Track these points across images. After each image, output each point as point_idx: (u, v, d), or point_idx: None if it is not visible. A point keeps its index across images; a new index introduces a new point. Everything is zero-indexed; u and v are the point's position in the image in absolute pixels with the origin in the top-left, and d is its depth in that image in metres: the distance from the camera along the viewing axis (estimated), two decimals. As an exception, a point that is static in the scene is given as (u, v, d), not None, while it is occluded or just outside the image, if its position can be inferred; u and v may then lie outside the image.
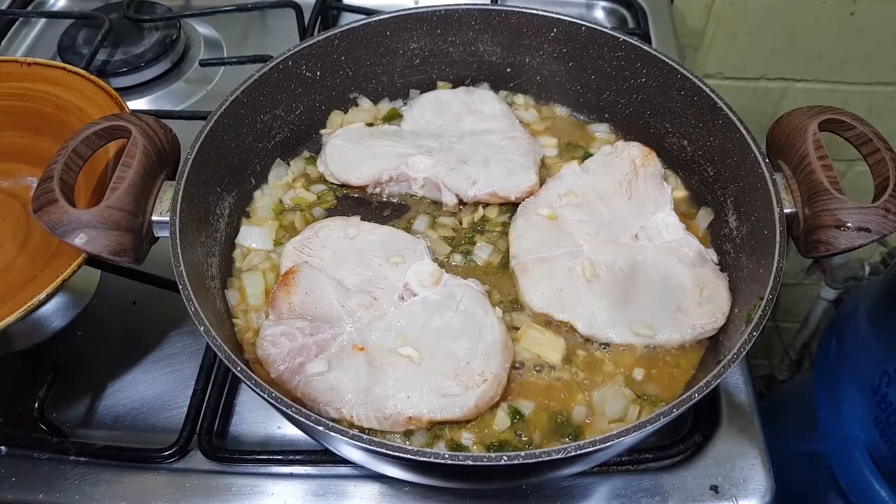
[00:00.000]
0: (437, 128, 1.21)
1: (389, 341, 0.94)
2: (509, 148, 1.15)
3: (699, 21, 1.85)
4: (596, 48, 1.17)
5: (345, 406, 0.89)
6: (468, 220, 1.11)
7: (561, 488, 0.98)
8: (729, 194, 1.05)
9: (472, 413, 0.89)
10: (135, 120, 0.96)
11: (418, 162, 1.12)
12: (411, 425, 0.89)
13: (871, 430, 1.30)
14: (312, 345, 0.93)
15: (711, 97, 1.04)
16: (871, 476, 1.25)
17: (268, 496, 0.98)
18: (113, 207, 0.88)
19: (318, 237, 1.05)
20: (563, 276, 1.01)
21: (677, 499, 0.97)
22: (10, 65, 1.19)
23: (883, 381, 1.29)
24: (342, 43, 1.16)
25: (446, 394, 0.89)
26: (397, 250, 1.03)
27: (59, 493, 0.98)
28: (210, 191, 1.03)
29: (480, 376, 0.90)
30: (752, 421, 1.04)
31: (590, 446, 0.73)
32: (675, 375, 0.95)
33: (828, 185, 0.89)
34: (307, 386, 0.90)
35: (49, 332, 1.16)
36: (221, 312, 0.99)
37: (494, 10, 1.19)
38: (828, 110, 0.96)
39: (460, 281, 1.00)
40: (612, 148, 1.15)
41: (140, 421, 1.07)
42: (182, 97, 1.56)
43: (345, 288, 0.99)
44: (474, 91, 1.25)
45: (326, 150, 1.17)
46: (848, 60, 1.89)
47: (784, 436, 1.57)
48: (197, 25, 1.69)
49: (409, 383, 0.90)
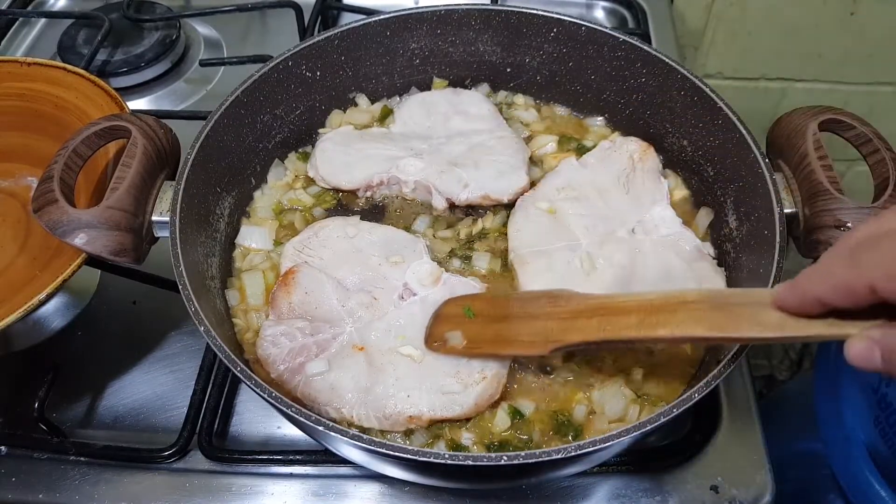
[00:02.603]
0: (425, 129, 1.21)
1: (389, 341, 0.94)
2: (498, 148, 1.15)
3: (699, 21, 1.84)
4: (596, 48, 1.17)
5: (345, 406, 0.89)
6: (465, 232, 1.10)
7: (561, 488, 0.98)
8: (729, 194, 1.05)
9: (472, 410, 0.89)
10: (135, 120, 0.96)
11: (409, 165, 1.12)
12: (412, 424, 0.89)
13: (871, 430, 1.30)
14: (312, 345, 0.93)
15: (711, 97, 1.04)
16: (871, 476, 1.24)
17: (268, 496, 0.98)
18: (113, 207, 0.88)
19: (317, 237, 1.05)
20: (561, 269, 1.01)
21: (677, 499, 0.97)
22: (10, 65, 1.19)
23: (883, 381, 1.29)
24: (342, 43, 1.16)
25: (446, 391, 0.89)
26: (396, 250, 1.03)
27: (59, 493, 0.98)
28: (210, 191, 1.03)
29: (480, 374, 0.90)
30: (752, 421, 1.04)
31: (590, 446, 0.73)
32: (675, 376, 0.95)
33: (828, 186, 0.89)
34: (307, 386, 0.90)
35: (49, 332, 1.16)
36: (221, 312, 0.99)
37: (494, 10, 1.19)
38: (828, 110, 0.96)
39: (460, 279, 1.00)
40: (611, 143, 1.16)
41: (140, 421, 1.07)
42: (182, 97, 1.56)
43: (344, 288, 0.99)
44: (461, 92, 1.25)
45: (316, 154, 1.16)
46: (848, 60, 1.89)
47: (784, 436, 1.57)
48: (197, 25, 1.69)
49: (410, 382, 0.90)
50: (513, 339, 0.89)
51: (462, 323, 0.92)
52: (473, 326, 0.92)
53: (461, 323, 0.92)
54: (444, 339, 0.92)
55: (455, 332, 0.92)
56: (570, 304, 0.86)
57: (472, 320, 0.92)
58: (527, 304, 0.90)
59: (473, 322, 0.92)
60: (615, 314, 0.80)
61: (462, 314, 0.93)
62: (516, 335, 0.88)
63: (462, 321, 0.92)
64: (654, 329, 0.76)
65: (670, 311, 0.75)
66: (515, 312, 0.90)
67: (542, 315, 0.87)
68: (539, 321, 0.87)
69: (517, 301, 0.92)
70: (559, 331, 0.85)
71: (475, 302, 0.94)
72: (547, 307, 0.88)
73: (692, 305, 0.74)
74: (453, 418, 0.89)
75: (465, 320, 0.92)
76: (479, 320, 0.92)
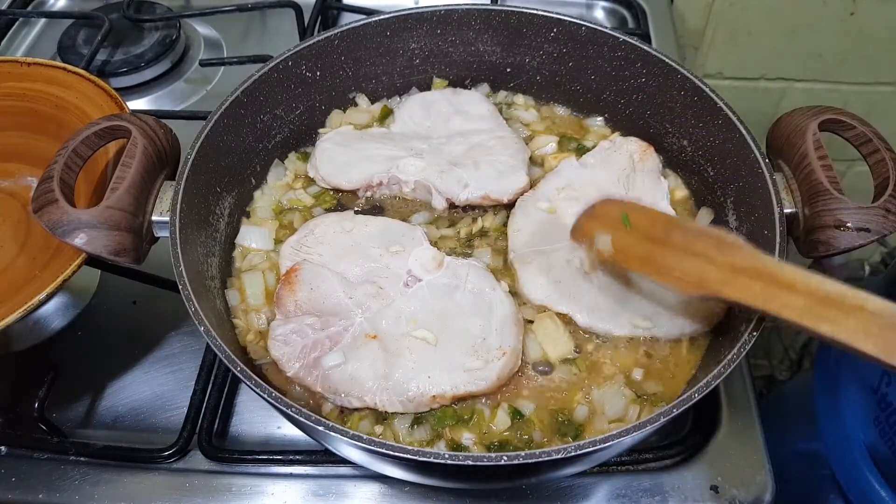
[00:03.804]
0: (425, 129, 1.21)
1: (402, 326, 0.95)
2: (497, 148, 1.15)
3: (699, 21, 1.85)
4: (596, 48, 1.17)
5: (367, 394, 0.90)
6: (466, 231, 1.11)
7: (561, 488, 0.99)
8: (729, 194, 1.05)
9: (494, 385, 0.91)
10: (135, 120, 0.96)
11: (409, 165, 1.12)
12: (435, 404, 0.90)
13: (871, 430, 1.30)
14: (325, 339, 0.94)
15: (711, 97, 1.04)
16: (871, 476, 1.24)
17: (268, 496, 0.98)
18: (113, 207, 0.88)
19: (314, 234, 1.05)
20: (561, 268, 1.01)
21: (677, 499, 0.97)
22: (10, 65, 1.19)
23: (883, 382, 1.29)
24: (342, 43, 1.16)
25: (468, 368, 0.91)
26: (395, 239, 1.04)
27: (59, 493, 0.98)
28: (210, 191, 1.03)
29: (499, 350, 0.92)
30: (752, 421, 1.04)
31: (590, 446, 0.73)
32: (675, 375, 0.95)
33: (828, 186, 0.89)
34: (326, 379, 0.91)
35: (49, 332, 1.16)
36: (221, 312, 0.99)
37: (494, 10, 1.19)
38: (828, 110, 0.96)
39: (462, 261, 1.01)
40: (611, 143, 1.16)
41: (140, 421, 1.07)
42: (182, 97, 1.56)
43: (349, 280, 1.00)
44: (461, 92, 1.25)
45: (316, 154, 1.16)
46: (848, 60, 1.89)
47: (784, 436, 1.57)
48: (197, 25, 1.70)
49: (429, 364, 0.91)
50: (664, 267, 0.84)
51: (616, 228, 0.87)
52: (626, 237, 0.86)
53: (615, 227, 0.87)
54: (592, 238, 0.88)
55: (605, 236, 0.87)
56: (736, 256, 0.80)
57: (627, 231, 0.86)
58: (691, 238, 0.84)
59: (628, 233, 0.86)
60: (782, 288, 0.75)
61: (618, 219, 0.88)
62: (669, 265, 0.83)
63: (616, 226, 0.87)
64: (817, 321, 0.71)
65: (844, 312, 0.70)
66: (676, 241, 0.85)
67: (703, 256, 0.81)
68: (698, 260, 0.81)
69: (681, 230, 0.86)
70: (717, 281, 0.79)
71: (636, 213, 0.88)
72: (712, 250, 0.81)
73: (869, 315, 0.69)
74: (478, 393, 0.91)
75: (620, 227, 0.87)
76: (635, 234, 0.86)
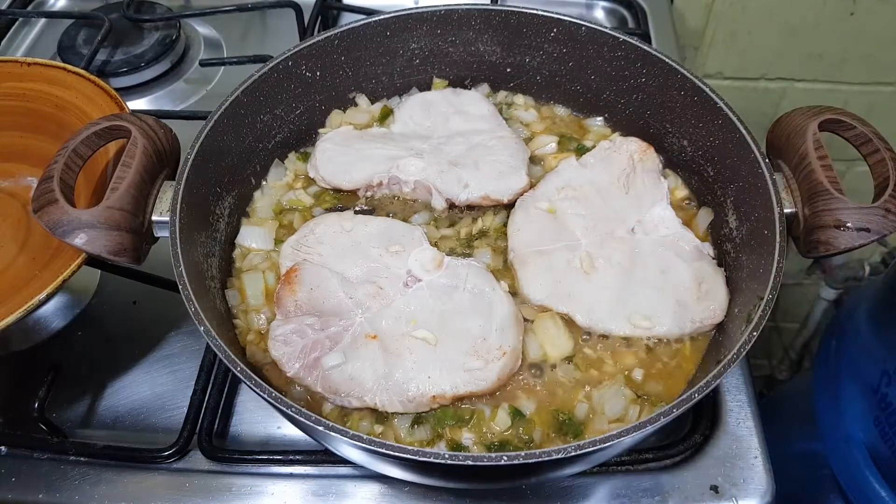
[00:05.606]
0: (425, 129, 1.21)
1: (402, 326, 0.95)
2: (497, 148, 1.15)
3: (699, 21, 1.85)
4: (596, 48, 1.17)
5: (367, 394, 0.90)
6: (466, 231, 1.10)
7: (561, 488, 0.99)
8: (729, 194, 1.05)
9: (494, 385, 0.91)
10: (135, 120, 0.96)
11: (409, 165, 1.12)
12: (435, 404, 0.90)
13: (871, 430, 1.30)
14: (325, 339, 0.94)
15: (711, 97, 1.04)
16: (871, 476, 1.25)
17: (268, 496, 0.98)
18: (113, 207, 0.88)
19: (314, 234, 1.05)
20: (561, 268, 1.01)
21: (677, 499, 0.97)
22: (10, 65, 1.19)
23: (883, 382, 1.29)
24: (342, 43, 1.16)
25: (468, 368, 0.91)
26: (395, 239, 1.04)
27: (59, 493, 0.98)
28: (210, 191, 1.03)
29: (499, 350, 0.92)
30: (752, 421, 1.04)
31: (590, 446, 0.73)
32: (675, 375, 0.95)
33: (828, 185, 0.89)
34: (326, 379, 0.91)
35: (49, 332, 1.16)
36: (222, 313, 0.99)
37: (494, 10, 1.19)
38: (828, 110, 0.96)
39: (462, 261, 1.01)
40: (611, 143, 1.16)
41: (140, 421, 1.07)
42: (182, 97, 1.56)
43: (349, 281, 0.99)
44: (461, 92, 1.25)
45: (316, 154, 1.16)
46: (848, 60, 1.89)
47: (784, 436, 1.57)
48: (197, 25, 1.70)
49: (429, 364, 0.91)
50: None
51: None
52: None
53: None
54: None
55: None
56: None
57: None
58: None
59: None
60: None
61: None
62: None
63: None
64: None
65: None
66: None
67: None
68: None
69: None
70: None
71: None
72: None
73: None
74: (478, 393, 0.91)
75: None
76: None
